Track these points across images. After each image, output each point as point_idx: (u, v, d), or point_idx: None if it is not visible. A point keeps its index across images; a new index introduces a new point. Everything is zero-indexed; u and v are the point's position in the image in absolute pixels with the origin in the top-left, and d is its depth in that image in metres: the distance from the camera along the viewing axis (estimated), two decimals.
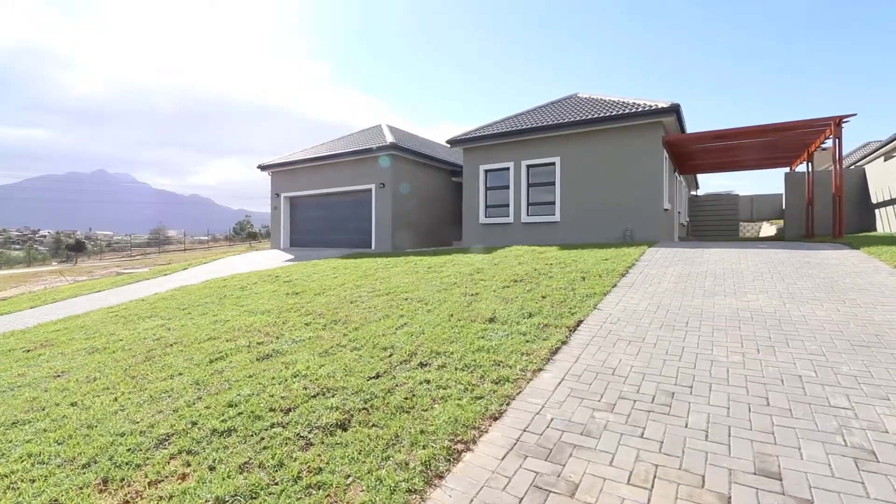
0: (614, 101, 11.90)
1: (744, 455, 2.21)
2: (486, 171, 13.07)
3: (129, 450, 2.78)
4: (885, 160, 11.55)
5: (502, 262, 8.00)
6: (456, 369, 3.48)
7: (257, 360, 4.29)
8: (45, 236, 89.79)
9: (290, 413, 3.03)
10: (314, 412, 2.99)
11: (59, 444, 3.01)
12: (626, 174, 10.79)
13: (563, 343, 3.85)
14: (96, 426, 3.19)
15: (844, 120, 8.58)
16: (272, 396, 3.30)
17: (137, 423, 3.15)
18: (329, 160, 15.69)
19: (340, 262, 10.48)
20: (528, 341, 3.92)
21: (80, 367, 4.77)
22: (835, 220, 8.98)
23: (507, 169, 12.64)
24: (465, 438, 2.51)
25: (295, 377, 3.66)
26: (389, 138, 14.41)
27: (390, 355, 3.96)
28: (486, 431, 2.59)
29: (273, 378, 3.68)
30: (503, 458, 2.31)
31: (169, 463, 2.60)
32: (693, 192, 23.44)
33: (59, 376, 4.61)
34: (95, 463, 2.69)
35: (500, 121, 13.58)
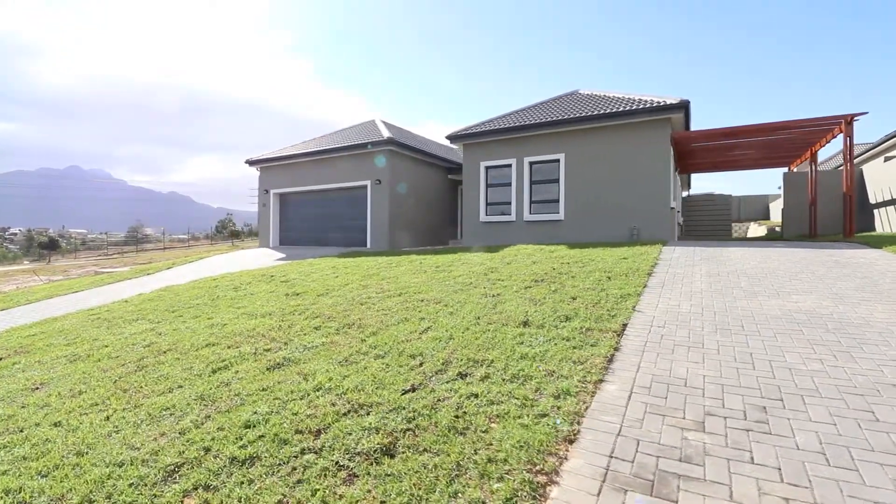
0: (619, 98, 11.67)
1: (883, 483, 1.88)
2: (487, 168, 12.71)
3: (131, 485, 2.30)
4: (884, 161, 11.62)
5: (515, 261, 7.64)
6: (503, 381, 3.09)
7: (268, 369, 3.82)
8: (15, 234, 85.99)
9: (322, 436, 2.59)
10: (350, 434, 2.56)
11: (42, 476, 2.51)
12: (633, 171, 10.56)
13: (615, 349, 3.49)
14: (87, 453, 2.70)
15: (855, 118, 8.52)
16: (295, 415, 2.86)
17: (137, 449, 2.67)
18: (322, 155, 15.11)
19: (338, 261, 9.98)
20: (574, 347, 3.55)
21: (62, 379, 4.22)
22: (846, 220, 8.91)
23: (509, 166, 12.30)
24: (545, 468, 2.11)
25: (318, 391, 3.21)
26: (386, 133, 13.94)
27: (420, 364, 3.55)
28: (566, 458, 2.20)
29: (292, 392, 3.22)
30: (599, 494, 1.93)
31: (183, 503, 2.14)
32: (685, 193, 23.58)
33: (37, 389, 4.05)
34: (91, 503, 2.21)
35: (502, 116, 13.24)
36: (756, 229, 25.16)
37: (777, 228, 19.50)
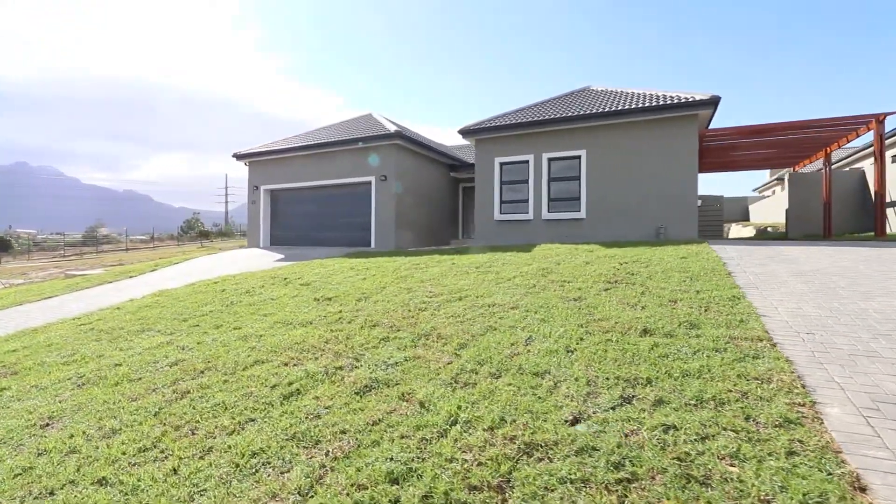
0: (639, 94, 11.39)
1: None
2: (502, 164, 12.15)
3: None
4: (892, 161, 11.89)
5: (564, 261, 7.09)
6: (687, 406, 2.50)
7: (357, 394, 3.09)
8: None
9: (510, 493, 1.92)
10: (549, 491, 1.90)
11: None
12: (659, 169, 10.26)
13: (787, 361, 2.97)
14: None
15: (887, 116, 8.53)
16: (451, 461, 2.16)
17: None
18: (320, 149, 14.15)
19: (352, 262, 9.15)
20: (736, 360, 3.01)
21: (78, 410, 3.32)
22: (877, 219, 8.90)
23: (527, 162, 11.80)
24: None
25: (451, 423, 2.52)
26: (392, 126, 13.15)
27: (556, 385, 2.91)
28: None
29: (417, 427, 2.52)
30: None
31: None
32: None
33: (48, 425, 3.15)
34: None
35: (516, 111, 12.73)
36: (740, 230, 25.77)
37: (769, 229, 19.87)
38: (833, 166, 16.14)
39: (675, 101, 9.77)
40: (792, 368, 2.85)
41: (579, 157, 11.14)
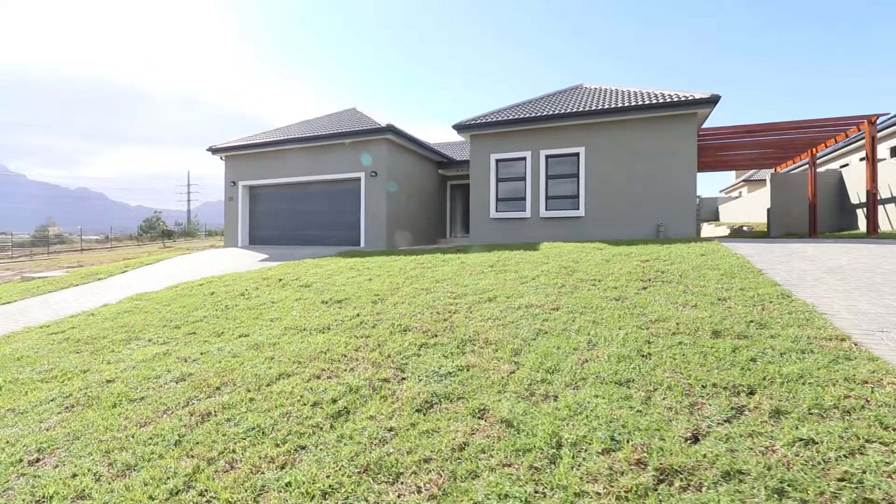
0: (635, 92, 11.38)
1: None
2: (498, 161, 11.88)
3: None
4: (860, 161, 12.41)
5: (581, 259, 6.86)
6: (811, 416, 2.24)
7: (418, 411, 2.69)
8: None
9: None
10: None
11: None
12: (658, 167, 10.25)
13: (884, 362, 2.78)
14: None
15: (880, 119, 8.82)
16: (580, 495, 1.80)
17: None
18: (305, 143, 13.44)
19: (352, 262, 8.63)
20: (832, 362, 2.79)
21: (73, 441, 2.76)
22: (869, 218, 9.19)
23: (524, 159, 11.57)
24: None
25: (559, 446, 2.16)
26: (383, 120, 12.64)
27: (648, 396, 2.61)
28: None
29: (517, 450, 2.15)
30: None
31: None
32: None
33: (39, 461, 2.58)
34: None
35: (512, 107, 12.49)
36: (713, 229, 26.62)
37: (745, 228, 20.52)
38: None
39: (676, 100, 9.77)
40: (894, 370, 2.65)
41: (578, 155, 11.01)
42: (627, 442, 2.15)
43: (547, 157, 11.35)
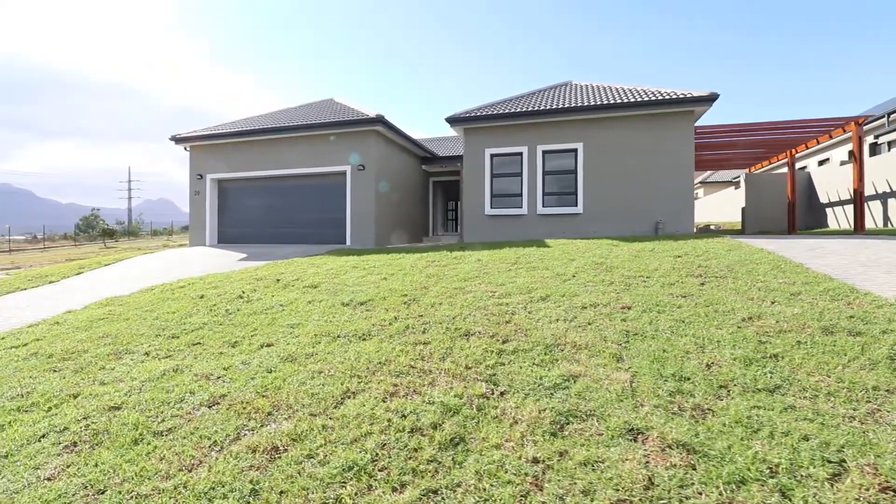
0: (628, 89, 11.39)
1: None
2: (493, 156, 11.51)
3: None
4: (818, 164, 13.16)
5: (609, 256, 6.59)
6: None
7: (553, 434, 2.22)
8: None
9: None
10: None
11: None
12: (657, 164, 10.27)
13: None
14: None
15: (867, 119, 9.28)
16: None
17: None
18: (283, 134, 12.44)
19: (353, 260, 7.93)
20: None
21: (97, 496, 2.05)
22: (856, 216, 9.65)
23: (520, 154, 11.27)
24: None
25: (772, 473, 1.76)
26: (371, 111, 11.92)
27: (813, 403, 2.28)
28: None
29: (728, 481, 1.72)
30: None
31: None
32: None
33: None
34: None
35: (505, 101, 12.16)
36: None
37: (712, 227, 21.39)
38: (783, 168, 17.73)
39: (675, 97, 9.81)
40: None
41: (576, 151, 10.85)
42: (856, 462, 1.79)
43: (544, 152, 11.12)
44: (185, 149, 13.78)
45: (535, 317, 3.99)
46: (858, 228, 9.67)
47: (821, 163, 16.80)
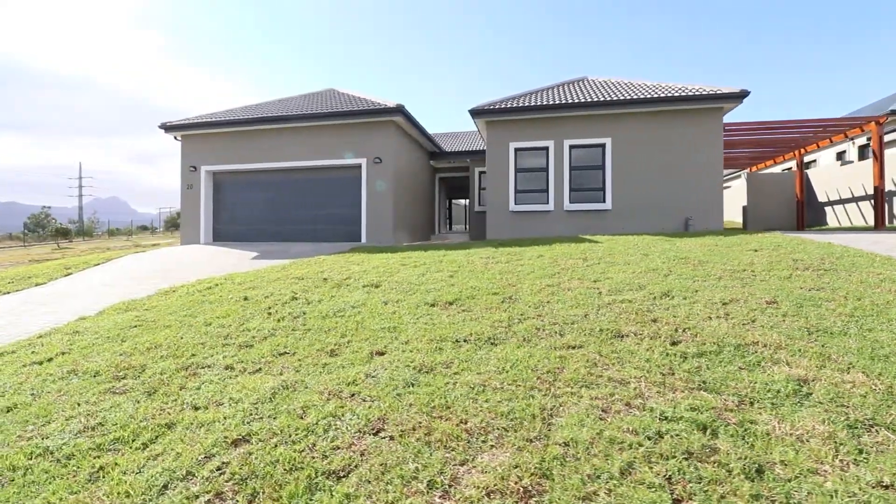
0: (651, 85, 11.28)
1: None
2: (517, 150, 11.13)
3: None
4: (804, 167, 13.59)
5: (680, 250, 6.31)
6: None
7: (860, 453, 1.79)
8: None
9: None
10: None
11: None
12: (686, 160, 10.18)
13: None
14: None
15: (889, 117, 9.55)
16: None
17: None
18: (289, 123, 11.58)
19: (393, 258, 7.32)
20: None
21: None
22: (877, 213, 9.90)
23: (546, 149, 10.94)
24: None
25: None
26: (390, 101, 11.26)
27: None
28: None
29: None
30: None
31: None
32: None
33: None
34: None
35: (531, 92, 11.81)
36: None
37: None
38: (777, 168, 18.27)
39: (705, 94, 9.76)
40: None
41: (604, 146, 10.62)
42: None
43: (571, 147, 10.83)
44: (176, 138, 12.62)
45: (678, 314, 3.59)
46: (879, 225, 9.93)
47: (808, 164, 17.44)
